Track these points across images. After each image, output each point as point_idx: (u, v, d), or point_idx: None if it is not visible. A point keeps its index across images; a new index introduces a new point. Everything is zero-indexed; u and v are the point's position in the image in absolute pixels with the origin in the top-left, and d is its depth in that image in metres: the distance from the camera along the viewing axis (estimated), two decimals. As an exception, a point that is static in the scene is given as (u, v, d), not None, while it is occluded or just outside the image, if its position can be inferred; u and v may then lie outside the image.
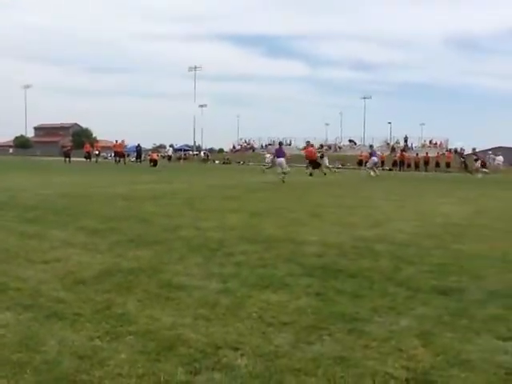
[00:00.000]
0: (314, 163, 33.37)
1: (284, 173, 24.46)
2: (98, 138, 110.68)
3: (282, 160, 25.69)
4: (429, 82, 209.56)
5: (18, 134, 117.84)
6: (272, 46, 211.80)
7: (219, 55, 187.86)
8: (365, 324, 4.29)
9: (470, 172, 44.49)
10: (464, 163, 50.72)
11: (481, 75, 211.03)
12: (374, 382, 3.26)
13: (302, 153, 39.30)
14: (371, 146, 41.31)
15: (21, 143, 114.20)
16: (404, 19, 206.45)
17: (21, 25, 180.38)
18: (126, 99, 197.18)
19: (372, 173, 35.26)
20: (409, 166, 58.79)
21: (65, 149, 53.49)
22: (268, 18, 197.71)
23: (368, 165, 37.77)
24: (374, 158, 37.62)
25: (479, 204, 16.05)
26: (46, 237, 7.85)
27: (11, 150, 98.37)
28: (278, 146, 29.22)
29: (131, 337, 3.88)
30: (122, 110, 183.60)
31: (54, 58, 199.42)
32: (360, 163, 53.77)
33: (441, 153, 65.67)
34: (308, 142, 41.66)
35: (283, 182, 23.61)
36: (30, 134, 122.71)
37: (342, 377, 3.30)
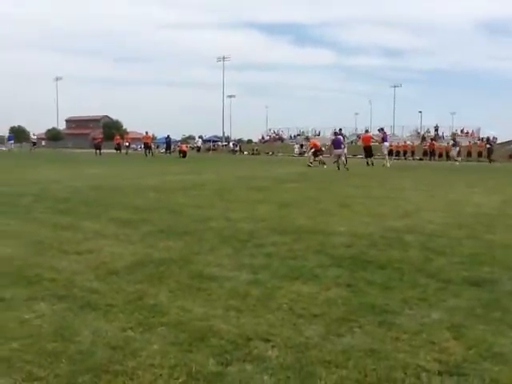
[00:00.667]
0: (369, 151, 32.43)
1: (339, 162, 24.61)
2: (128, 130, 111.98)
3: (340, 151, 25.51)
4: (458, 69, 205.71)
5: (50, 127, 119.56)
6: (299, 34, 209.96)
7: (246, 44, 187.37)
8: (395, 316, 4.28)
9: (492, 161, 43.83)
10: (488, 152, 50.14)
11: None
12: (405, 374, 3.25)
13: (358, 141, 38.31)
14: (381, 129, 36.10)
15: (53, 136, 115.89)
16: (431, 4, 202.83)
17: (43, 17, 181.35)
18: (154, 89, 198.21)
19: (387, 163, 32.35)
20: (440, 155, 57.96)
21: (95, 141, 53.99)
22: (295, 5, 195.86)
23: (383, 151, 34.49)
24: (386, 144, 34.87)
25: (507, 194, 15.80)
26: (78, 228, 7.97)
27: (43, 143, 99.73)
28: (334, 137, 28.32)
29: (163, 328, 3.94)
30: (150, 101, 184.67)
31: (81, 49, 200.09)
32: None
33: (472, 142, 64.73)
34: (367, 130, 39.91)
35: (338, 168, 24.12)
36: (62, 126, 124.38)
37: (373, 369, 3.30)
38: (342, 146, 26.73)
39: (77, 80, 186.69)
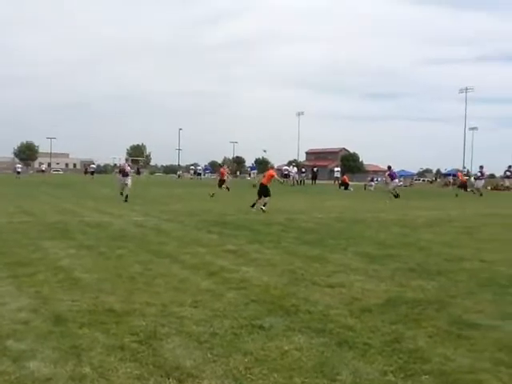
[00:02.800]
0: None
1: None
2: (364, 163, 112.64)
3: None
4: None
5: (292, 158, 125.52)
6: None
7: (496, 76, 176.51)
8: None
9: None
10: None
11: None
12: None
13: None
14: (389, 167, 31.71)
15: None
16: None
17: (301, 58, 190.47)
18: (397, 124, 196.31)
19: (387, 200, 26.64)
20: None
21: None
22: None
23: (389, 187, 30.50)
24: (396, 181, 31.19)
25: None
26: (327, 260, 8.04)
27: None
28: None
29: (426, 376, 3.68)
30: (390, 134, 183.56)
31: (326, 86, 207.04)
32: None
33: None
34: None
35: None
36: (302, 158, 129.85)
37: None
38: None
39: (320, 115, 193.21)
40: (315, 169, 54.64)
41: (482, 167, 37.48)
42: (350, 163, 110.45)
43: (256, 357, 3.97)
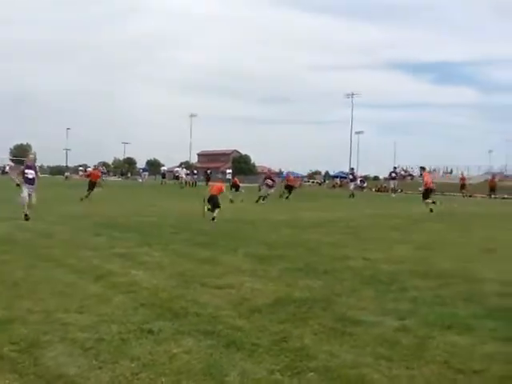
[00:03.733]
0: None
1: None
2: (256, 165, 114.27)
3: None
4: None
5: (184, 160, 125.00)
6: (442, 72, 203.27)
7: (385, 83, 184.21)
8: None
9: None
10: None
11: None
12: None
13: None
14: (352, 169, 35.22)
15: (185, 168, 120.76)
16: None
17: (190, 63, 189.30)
18: (286, 128, 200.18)
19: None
20: None
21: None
22: (442, 45, 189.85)
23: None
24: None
25: None
26: (217, 262, 8.06)
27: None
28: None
29: (312, 373, 3.78)
30: (279, 138, 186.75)
31: (219, 90, 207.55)
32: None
33: None
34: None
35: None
36: (194, 159, 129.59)
37: None
38: None
39: (213, 118, 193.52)
40: (209, 171, 54.74)
41: (352, 169, 40.34)
42: (242, 165, 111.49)
43: (144, 362, 3.90)
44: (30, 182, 14.17)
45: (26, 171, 14.31)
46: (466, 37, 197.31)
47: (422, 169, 22.86)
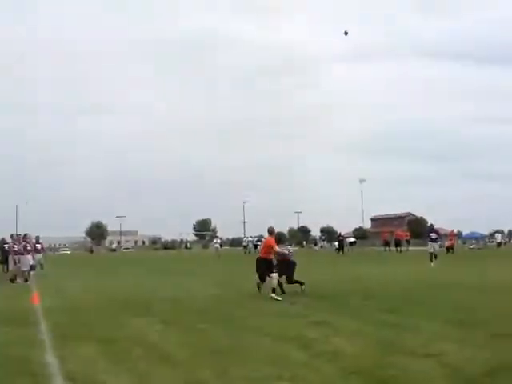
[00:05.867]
0: None
1: None
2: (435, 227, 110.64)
3: None
4: None
5: (357, 226, 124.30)
6: None
7: None
8: None
9: None
10: None
11: None
12: None
13: None
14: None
15: (360, 234, 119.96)
16: None
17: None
18: (459, 185, 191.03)
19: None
20: None
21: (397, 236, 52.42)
22: None
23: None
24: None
25: None
26: (417, 328, 7.85)
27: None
28: None
29: None
30: (457, 198, 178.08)
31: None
32: None
33: None
34: None
35: None
36: (367, 225, 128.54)
37: None
38: None
39: (379, 181, 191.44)
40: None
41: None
42: (417, 227, 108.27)
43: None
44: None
45: None
46: None
47: None
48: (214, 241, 53.09)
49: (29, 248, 19.67)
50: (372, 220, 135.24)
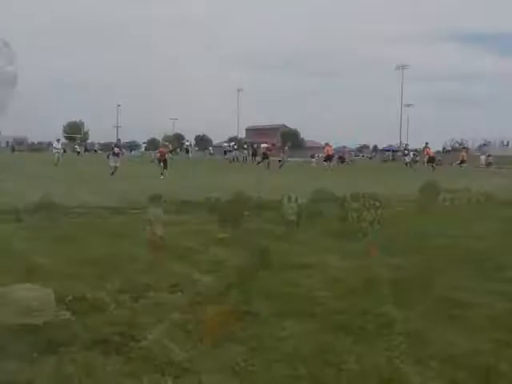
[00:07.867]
0: None
1: None
2: (305, 139, 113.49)
3: None
4: None
5: (232, 135, 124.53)
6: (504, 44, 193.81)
7: (440, 56, 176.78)
8: None
9: None
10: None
11: None
12: None
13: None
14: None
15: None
16: None
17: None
18: (336, 100, 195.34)
19: None
20: None
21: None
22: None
23: None
24: None
25: None
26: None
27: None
28: None
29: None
30: (331, 112, 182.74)
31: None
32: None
33: None
34: None
35: None
36: (242, 135, 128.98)
37: None
38: None
39: (260, 92, 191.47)
40: (255, 145, 53.45)
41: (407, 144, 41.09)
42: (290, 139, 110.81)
43: None
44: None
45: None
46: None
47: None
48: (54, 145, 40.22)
49: None
50: (247, 130, 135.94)
